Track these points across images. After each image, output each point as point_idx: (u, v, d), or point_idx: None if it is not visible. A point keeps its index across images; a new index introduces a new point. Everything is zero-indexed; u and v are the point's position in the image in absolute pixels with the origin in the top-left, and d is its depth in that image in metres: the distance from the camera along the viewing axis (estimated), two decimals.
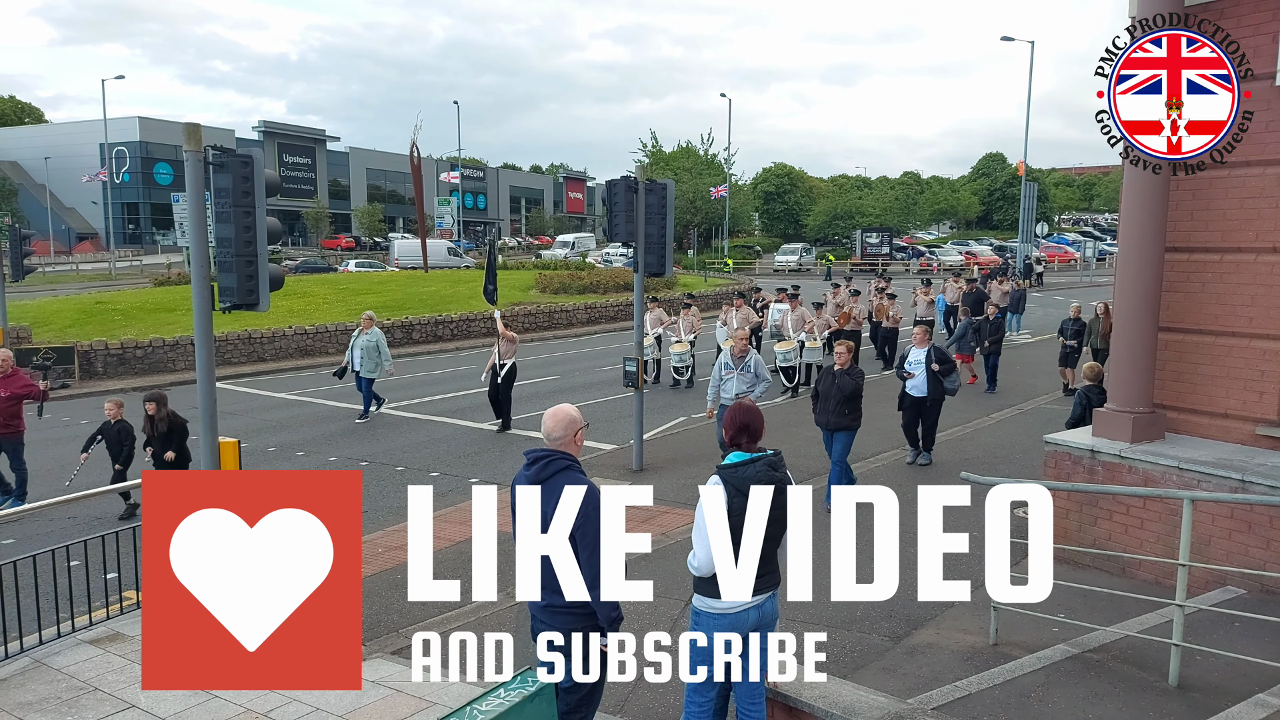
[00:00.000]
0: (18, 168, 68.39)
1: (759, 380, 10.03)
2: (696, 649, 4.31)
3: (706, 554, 4.17)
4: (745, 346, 10.29)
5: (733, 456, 4.35)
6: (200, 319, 6.66)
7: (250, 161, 6.56)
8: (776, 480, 4.29)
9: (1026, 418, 14.15)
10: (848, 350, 9.72)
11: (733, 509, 4.11)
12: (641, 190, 10.74)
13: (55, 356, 18.84)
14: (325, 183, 77.80)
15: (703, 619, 4.34)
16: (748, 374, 9.99)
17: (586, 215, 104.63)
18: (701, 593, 4.31)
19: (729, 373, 10.06)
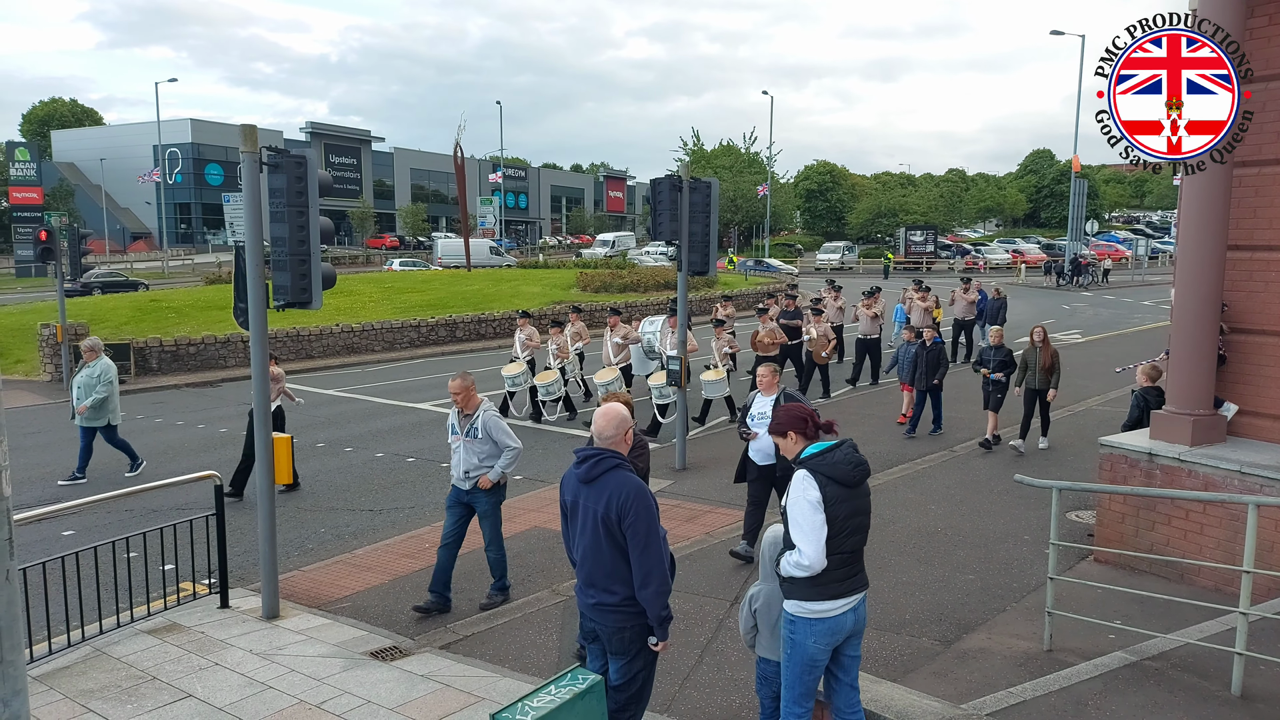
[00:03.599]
0: (75, 169, 70.45)
1: (501, 449, 6.84)
2: (800, 659, 4.17)
3: (816, 548, 3.98)
4: (472, 398, 6.88)
5: (812, 448, 4.18)
6: (255, 317, 6.78)
7: (304, 162, 6.65)
8: (863, 463, 4.20)
9: (1078, 419, 13.85)
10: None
11: (827, 498, 4.01)
12: (686, 189, 10.71)
13: (112, 353, 19.32)
14: (370, 183, 78.95)
15: (801, 626, 4.16)
16: (479, 441, 6.81)
17: (626, 214, 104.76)
18: (798, 598, 4.13)
19: (455, 439, 6.95)
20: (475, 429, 6.82)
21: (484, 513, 6.95)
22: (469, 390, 6.94)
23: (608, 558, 4.21)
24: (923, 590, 7.19)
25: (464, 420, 6.90)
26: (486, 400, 7.04)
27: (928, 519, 9.00)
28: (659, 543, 4.20)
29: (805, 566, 4.03)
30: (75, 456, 11.40)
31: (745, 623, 4.65)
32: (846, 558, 4.12)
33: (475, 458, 6.83)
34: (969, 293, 20.63)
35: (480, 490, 6.84)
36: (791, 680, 4.23)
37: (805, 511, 4.02)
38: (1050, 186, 79.05)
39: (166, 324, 23.23)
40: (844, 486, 4.08)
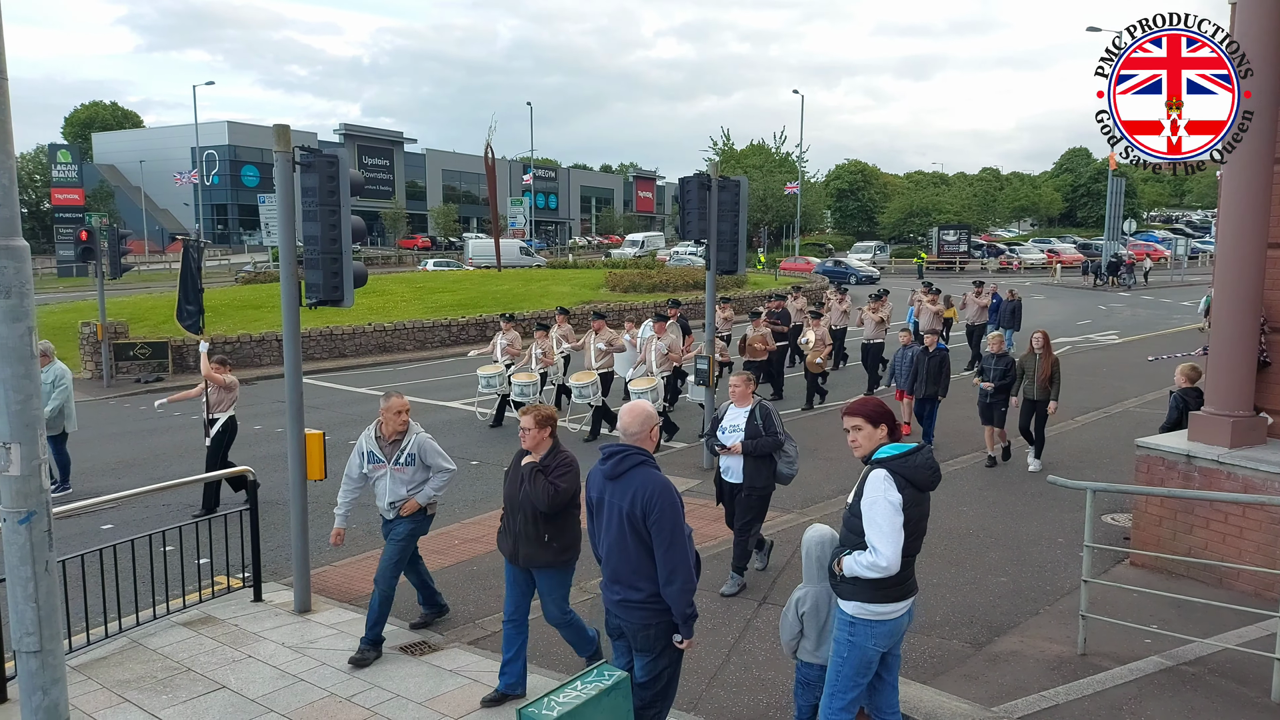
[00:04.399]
0: (115, 170, 71.88)
1: (434, 473, 6.23)
2: (856, 662, 4.10)
3: (895, 550, 3.89)
4: (403, 422, 6.18)
5: (891, 448, 4.08)
6: (288, 315, 6.87)
7: (336, 162, 6.73)
8: (938, 469, 4.15)
9: (1115, 421, 13.63)
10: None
11: (905, 501, 3.95)
12: (715, 188, 10.69)
13: (150, 351, 19.73)
14: (402, 184, 79.70)
15: (861, 628, 4.07)
16: (412, 469, 6.14)
17: (656, 214, 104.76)
18: (862, 599, 4.03)
19: (377, 467, 6.14)
20: (410, 455, 6.12)
21: (396, 536, 6.11)
22: (407, 410, 6.25)
23: (633, 554, 4.21)
24: (953, 592, 7.11)
25: (390, 447, 6.17)
26: (415, 423, 6.34)
27: (959, 521, 8.90)
28: (684, 540, 4.20)
29: (882, 568, 3.92)
30: (114, 453, 11.62)
31: (790, 628, 4.51)
32: (908, 561, 4.07)
33: (404, 487, 6.13)
34: (981, 296, 19.83)
35: (403, 518, 6.12)
36: (844, 685, 4.14)
37: (887, 513, 3.93)
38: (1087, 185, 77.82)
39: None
40: (919, 491, 4.03)
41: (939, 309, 17.62)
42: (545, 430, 5.27)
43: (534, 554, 5.24)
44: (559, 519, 5.23)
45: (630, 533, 4.20)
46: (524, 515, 5.22)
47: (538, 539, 5.22)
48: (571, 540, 5.36)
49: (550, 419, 5.32)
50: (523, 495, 5.22)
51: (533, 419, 5.25)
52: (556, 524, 5.25)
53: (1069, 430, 13.04)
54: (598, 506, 4.40)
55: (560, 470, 5.21)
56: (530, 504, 5.17)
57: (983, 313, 19.78)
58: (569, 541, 5.35)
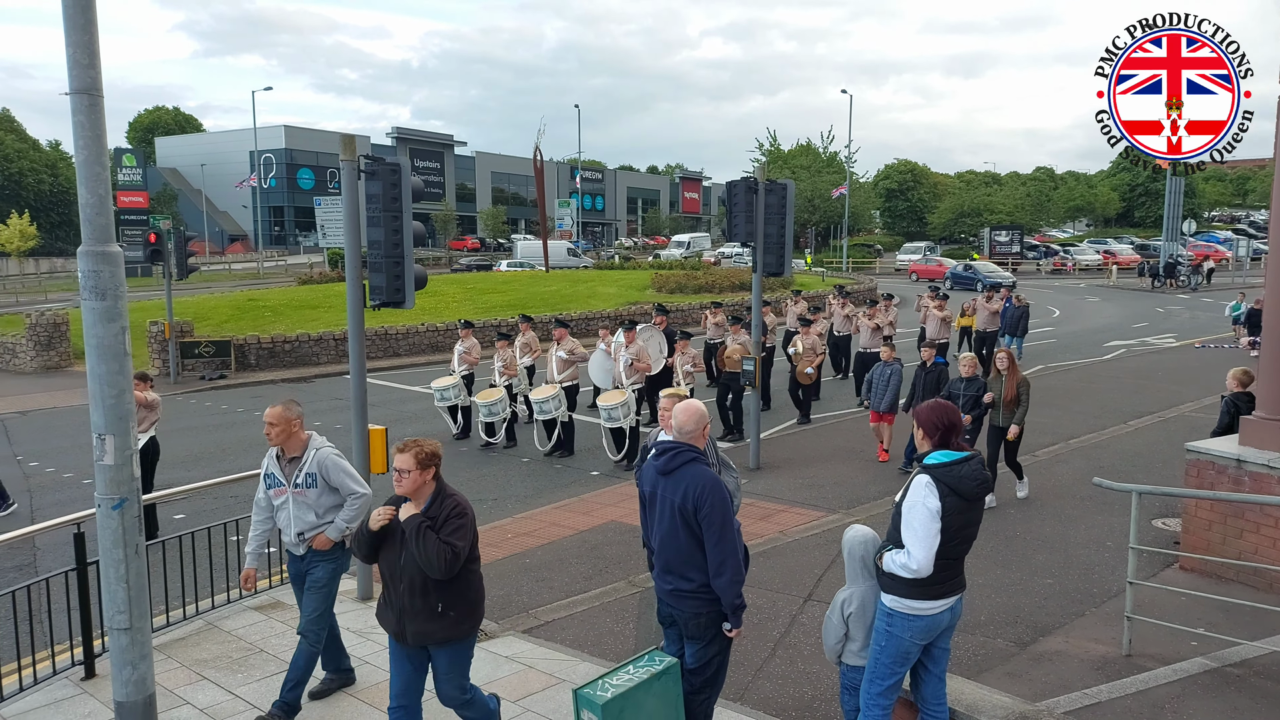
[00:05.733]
0: (177, 174, 74.18)
1: (345, 496, 5.31)
2: (894, 651, 4.26)
3: (927, 555, 4.05)
4: (295, 434, 5.29)
5: (940, 455, 4.22)
6: (354, 317, 7.20)
7: (399, 170, 7.05)
8: (987, 480, 4.26)
9: (1168, 425, 13.44)
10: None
11: (946, 509, 4.09)
12: (761, 190, 10.84)
13: (214, 349, 20.47)
14: (453, 186, 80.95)
15: (898, 621, 4.23)
16: (316, 491, 5.25)
17: (702, 215, 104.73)
18: (899, 594, 4.20)
19: (278, 492, 5.34)
20: (309, 475, 5.20)
21: (316, 582, 5.27)
22: (290, 424, 5.22)
23: (684, 546, 4.41)
24: (999, 592, 7.18)
25: (289, 466, 5.26)
26: (317, 436, 5.39)
27: (1005, 523, 8.93)
28: (733, 533, 4.38)
29: (912, 570, 4.08)
30: (184, 447, 12.12)
31: (834, 632, 4.53)
32: (950, 563, 4.21)
33: (313, 513, 5.23)
34: (992, 301, 18.78)
35: (315, 553, 5.26)
36: (881, 672, 4.30)
37: (923, 518, 4.08)
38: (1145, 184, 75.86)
39: (263, 322, 24.42)
40: (964, 500, 4.14)
41: (946, 315, 16.86)
42: (428, 472, 4.28)
43: (427, 629, 4.28)
44: (456, 582, 4.26)
45: (682, 525, 4.39)
46: (409, 584, 4.24)
47: (429, 611, 4.26)
48: (473, 603, 4.40)
49: (434, 457, 4.29)
50: (405, 560, 4.24)
51: (412, 457, 4.23)
52: (453, 589, 4.28)
53: (1121, 435, 12.91)
54: (650, 500, 4.61)
55: (453, 524, 4.23)
56: (417, 570, 4.20)
57: (994, 319, 18.70)
58: (470, 605, 4.38)
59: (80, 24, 4.56)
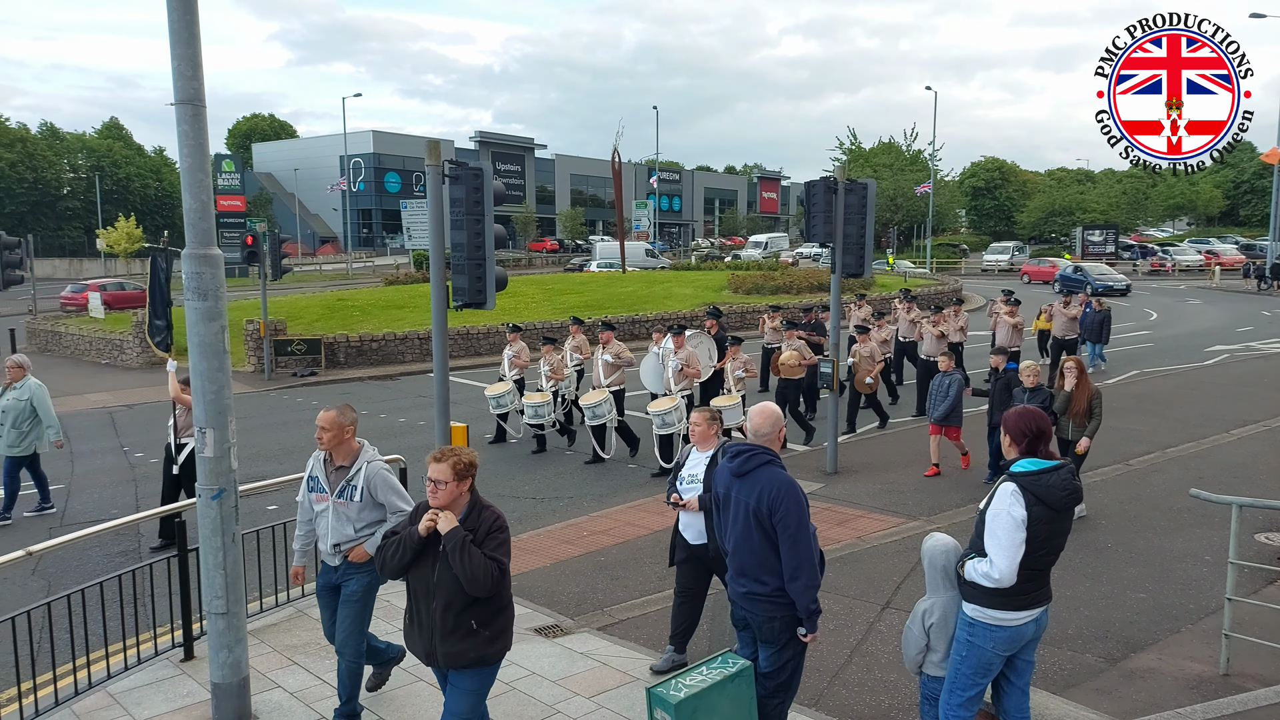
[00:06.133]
0: (272, 178, 77.27)
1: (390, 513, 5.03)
2: (975, 662, 4.17)
3: (1010, 565, 3.96)
4: (346, 442, 5.08)
5: (1026, 463, 4.12)
6: (438, 317, 7.39)
7: (481, 174, 7.21)
8: (1077, 490, 4.13)
9: (1274, 435, 12.72)
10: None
11: (1032, 518, 3.99)
12: (841, 190, 10.69)
13: (305, 347, 21.25)
14: (533, 188, 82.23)
15: (979, 631, 4.13)
16: (359, 505, 5.03)
17: (780, 215, 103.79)
18: (982, 604, 4.11)
19: (320, 498, 5.14)
20: (354, 487, 4.99)
21: (351, 595, 5.09)
22: (342, 430, 5.02)
23: (758, 549, 4.40)
24: (1088, 606, 6.93)
25: (336, 474, 5.07)
26: (370, 447, 5.18)
27: (1097, 534, 8.60)
28: (809, 538, 4.35)
29: (995, 580, 3.99)
30: (276, 440, 12.62)
31: (915, 642, 4.43)
32: (1036, 574, 4.09)
33: (351, 526, 5.01)
34: (1070, 307, 17.75)
35: (351, 565, 5.06)
36: (962, 683, 4.21)
37: (1007, 527, 3.99)
38: (1250, 182, 71.86)
39: (352, 321, 25.25)
40: (1051, 509, 4.03)
41: (1018, 321, 15.88)
42: (465, 483, 4.04)
43: (460, 649, 4.02)
44: (492, 599, 4.03)
45: (756, 528, 4.38)
46: (442, 602, 3.98)
47: (461, 629, 4.00)
48: (506, 622, 4.17)
49: (471, 467, 4.05)
50: (440, 576, 3.98)
51: (449, 467, 3.99)
52: (489, 607, 4.04)
53: (1222, 444, 12.28)
54: (724, 502, 4.61)
55: (496, 538, 4.01)
56: (454, 587, 3.96)
57: (1073, 325, 17.71)
58: (503, 624, 4.14)
59: (184, 38, 4.81)
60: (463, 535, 3.93)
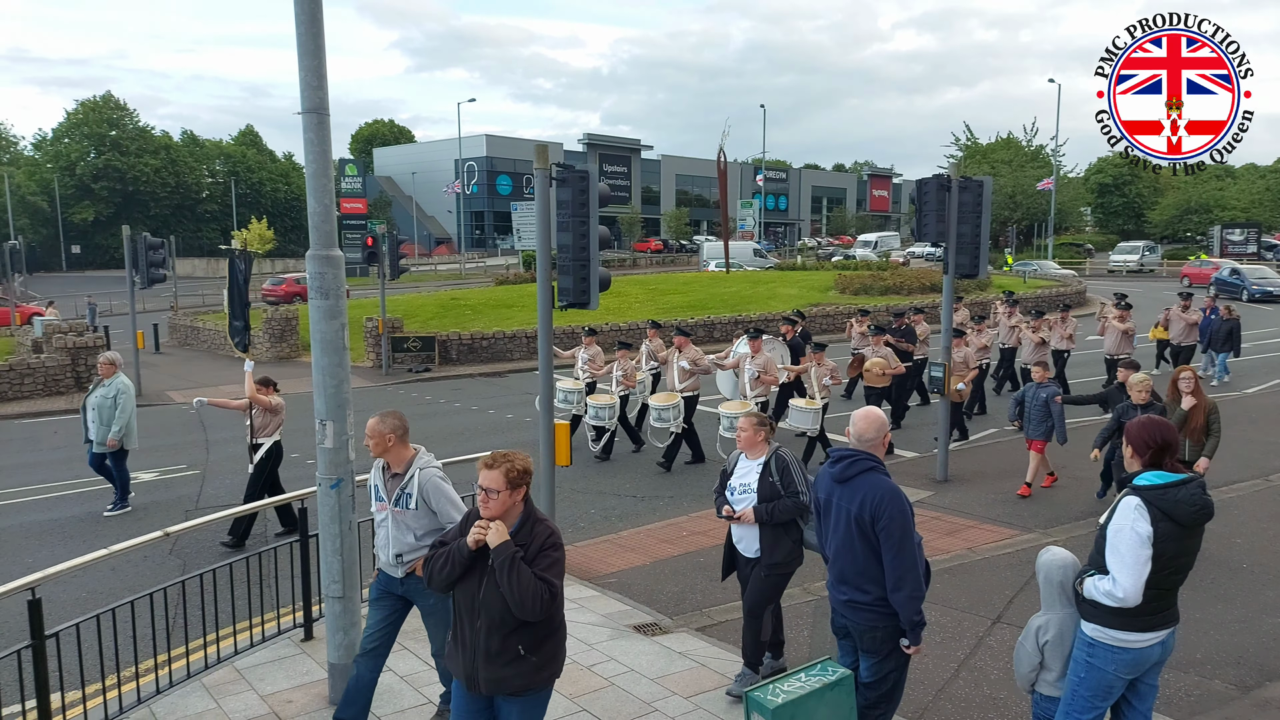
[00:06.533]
0: (391, 182, 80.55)
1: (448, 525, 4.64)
2: (1094, 684, 3.98)
3: (1134, 584, 3.75)
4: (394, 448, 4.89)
5: (1151, 476, 3.90)
6: (543, 317, 7.55)
7: (586, 177, 7.32)
8: (1208, 505, 3.89)
9: None
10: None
11: (1158, 534, 3.79)
12: (955, 188, 10.34)
13: (420, 344, 22.07)
14: (638, 189, 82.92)
15: (1100, 652, 3.94)
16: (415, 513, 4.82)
17: (891, 213, 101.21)
18: (1103, 624, 3.91)
19: (380, 506, 4.93)
20: (409, 495, 4.79)
21: (430, 610, 4.99)
22: (384, 438, 4.82)
23: (860, 557, 4.31)
24: (1218, 629, 6.48)
25: (391, 481, 4.89)
26: (425, 453, 4.97)
27: (1230, 553, 8.05)
28: (913, 547, 4.24)
29: (1118, 599, 3.78)
30: None
31: (1028, 660, 4.25)
32: (1162, 594, 3.87)
33: (411, 534, 4.82)
34: (1190, 312, 16.31)
35: (415, 579, 4.80)
36: (1080, 705, 4.01)
37: (1131, 544, 3.78)
38: None
39: (464, 319, 26.08)
40: (1179, 526, 3.81)
41: (1128, 328, 14.78)
42: (519, 492, 3.70)
43: (504, 675, 3.68)
44: (542, 623, 3.67)
45: (858, 536, 4.29)
46: (489, 623, 3.63)
47: (507, 653, 3.65)
48: (556, 647, 3.79)
49: (525, 475, 3.70)
50: (487, 593, 3.62)
51: (502, 475, 3.63)
52: (539, 630, 3.68)
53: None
54: (825, 508, 4.53)
55: (548, 557, 3.64)
56: (501, 606, 3.59)
57: (1191, 332, 16.33)
58: (553, 650, 3.77)
59: (310, 49, 5.08)
60: (512, 552, 3.57)
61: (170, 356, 26.06)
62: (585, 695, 5.51)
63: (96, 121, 71.11)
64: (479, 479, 3.65)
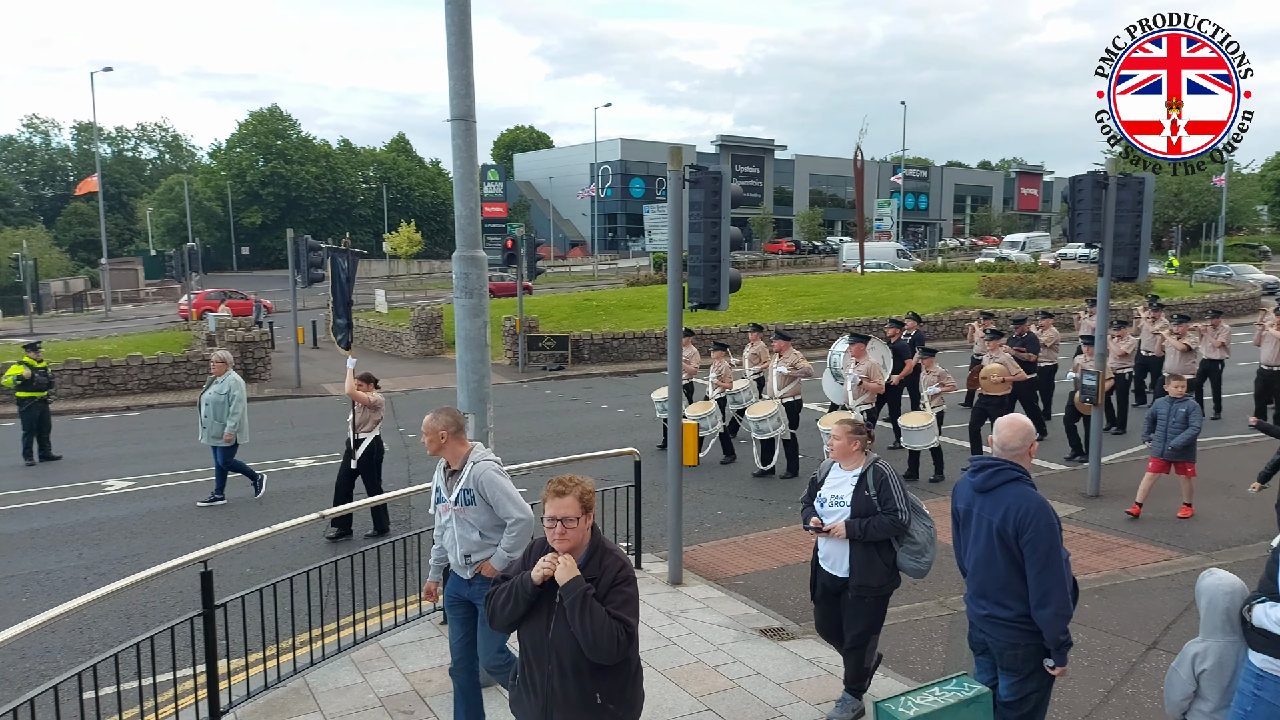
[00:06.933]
0: (530, 186, 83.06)
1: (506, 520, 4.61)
2: (1264, 718, 3.70)
3: None
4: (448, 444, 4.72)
5: None
6: (673, 317, 7.61)
7: (719, 178, 7.32)
8: None
9: None
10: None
11: None
12: (1113, 186, 9.71)
13: (554, 343, 22.66)
14: (771, 189, 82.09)
15: (1270, 685, 3.67)
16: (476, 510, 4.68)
17: (1041, 212, 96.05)
18: (1274, 654, 3.64)
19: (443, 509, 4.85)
20: (466, 493, 4.64)
21: None
22: (437, 435, 4.68)
23: (1001, 571, 4.13)
24: None
25: (451, 480, 4.74)
26: (481, 448, 4.84)
27: None
28: (1060, 563, 4.02)
29: None
30: (527, 429, 13.57)
31: (1180, 687, 4.00)
32: None
33: (476, 532, 4.67)
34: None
35: (484, 581, 4.62)
36: None
37: None
38: None
39: (596, 320, 26.59)
40: None
41: None
42: (589, 517, 3.38)
43: None
44: (621, 667, 3.36)
45: (1000, 549, 4.12)
46: (560, 666, 3.31)
47: (585, 701, 3.33)
48: (635, 694, 3.48)
49: (592, 497, 3.39)
50: (556, 633, 3.29)
51: (577, 501, 3.31)
52: (617, 677, 3.37)
53: None
54: (964, 518, 4.37)
55: (621, 593, 3.31)
56: (572, 648, 3.26)
57: None
58: (633, 696, 3.47)
59: (459, 59, 5.33)
60: (584, 589, 3.22)
61: (326, 351, 27.82)
62: (711, 695, 5.52)
63: (264, 132, 76.90)
64: (547, 509, 3.30)
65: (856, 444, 5.13)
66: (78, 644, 6.73)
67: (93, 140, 63.10)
